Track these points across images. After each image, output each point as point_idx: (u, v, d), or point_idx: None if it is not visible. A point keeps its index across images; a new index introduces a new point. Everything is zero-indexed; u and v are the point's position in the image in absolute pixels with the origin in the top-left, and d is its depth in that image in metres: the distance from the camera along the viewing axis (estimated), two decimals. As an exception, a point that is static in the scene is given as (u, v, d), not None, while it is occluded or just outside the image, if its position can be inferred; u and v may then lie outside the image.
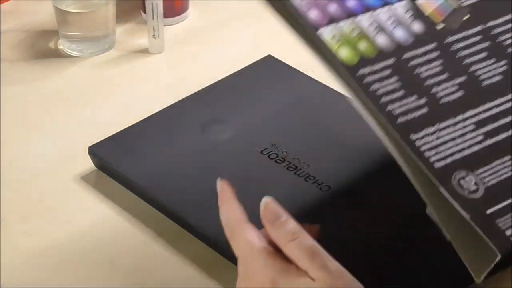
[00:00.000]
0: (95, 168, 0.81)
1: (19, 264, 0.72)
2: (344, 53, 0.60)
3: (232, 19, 1.03)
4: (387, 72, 0.60)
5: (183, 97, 0.89)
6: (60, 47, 0.97)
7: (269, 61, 0.93)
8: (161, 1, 0.93)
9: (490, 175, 0.58)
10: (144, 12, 0.96)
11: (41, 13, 1.02)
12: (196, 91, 0.88)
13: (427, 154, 0.57)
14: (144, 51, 0.97)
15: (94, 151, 0.81)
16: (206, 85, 0.89)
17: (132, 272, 0.71)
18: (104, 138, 0.82)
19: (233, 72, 0.91)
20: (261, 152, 0.79)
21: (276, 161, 0.78)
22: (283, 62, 0.92)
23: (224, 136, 0.82)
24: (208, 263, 0.72)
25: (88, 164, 0.82)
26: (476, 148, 0.59)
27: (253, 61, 0.95)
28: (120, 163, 0.79)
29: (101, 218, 0.76)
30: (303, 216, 0.63)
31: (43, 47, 0.98)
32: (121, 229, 0.75)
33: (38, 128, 0.87)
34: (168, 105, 0.86)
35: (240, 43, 0.99)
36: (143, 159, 0.79)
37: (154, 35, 0.95)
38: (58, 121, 0.88)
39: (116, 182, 0.79)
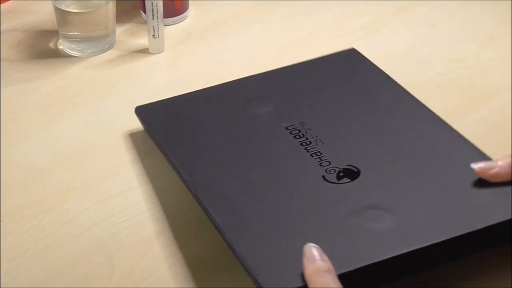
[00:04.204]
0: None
1: (19, 264, 0.72)
2: None
3: (232, 19, 1.03)
4: None
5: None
6: (60, 47, 0.97)
7: (351, 54, 0.90)
8: (161, 1, 0.93)
9: None
10: (144, 12, 0.96)
11: (41, 13, 1.02)
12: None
13: None
14: (144, 51, 0.97)
15: (140, 111, 0.84)
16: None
17: (132, 272, 0.71)
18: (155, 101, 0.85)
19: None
20: (286, 127, 0.79)
21: (294, 136, 0.77)
22: (365, 58, 0.89)
23: (261, 111, 0.81)
24: (208, 263, 0.72)
25: (88, 163, 0.82)
26: None
27: (252, 61, 0.95)
28: (160, 130, 0.81)
29: (100, 219, 0.77)
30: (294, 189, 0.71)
31: (43, 47, 0.98)
32: (121, 229, 0.75)
33: (38, 128, 0.87)
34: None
35: (240, 43, 0.99)
36: (181, 132, 0.81)
37: (154, 35, 0.95)
38: (58, 121, 0.88)
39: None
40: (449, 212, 0.67)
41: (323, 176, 0.72)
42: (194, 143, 0.79)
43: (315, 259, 0.62)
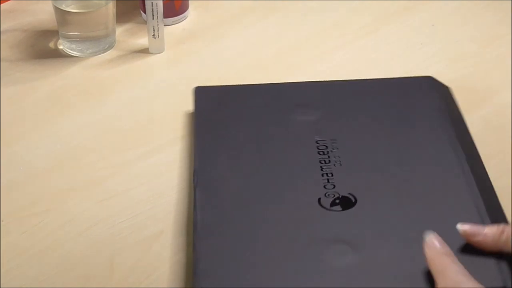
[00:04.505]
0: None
1: (19, 264, 0.72)
2: None
3: (232, 19, 1.03)
4: None
5: (184, 96, 0.89)
6: (60, 47, 0.97)
7: (426, 82, 0.85)
8: (161, 1, 0.93)
9: None
10: (144, 12, 0.96)
11: (41, 13, 1.02)
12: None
13: None
14: (144, 51, 0.97)
15: (197, 92, 0.85)
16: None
17: (132, 272, 0.71)
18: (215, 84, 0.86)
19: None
20: (317, 141, 0.77)
21: (318, 152, 0.76)
22: (440, 88, 0.85)
23: (304, 119, 0.80)
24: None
25: (88, 163, 0.82)
26: None
27: (252, 61, 0.95)
28: (202, 114, 0.82)
29: (100, 219, 0.77)
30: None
31: (43, 47, 0.98)
32: (121, 229, 0.75)
33: (38, 128, 0.87)
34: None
35: (240, 43, 0.99)
36: (220, 121, 0.81)
37: (154, 35, 0.95)
38: (58, 121, 0.88)
39: None
40: (414, 263, 0.65)
41: (319, 199, 0.71)
42: (225, 135, 0.79)
43: (435, 244, 0.64)
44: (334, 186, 0.72)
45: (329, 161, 0.75)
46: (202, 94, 0.85)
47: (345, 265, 0.65)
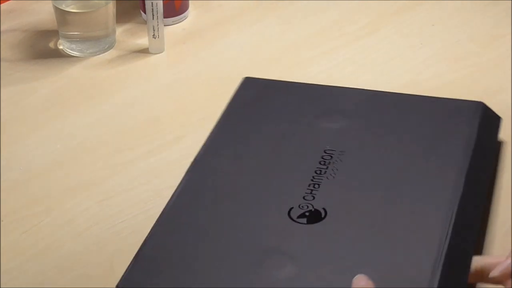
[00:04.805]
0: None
1: (19, 264, 0.72)
2: None
3: (232, 18, 1.03)
4: None
5: (184, 96, 0.89)
6: (60, 47, 0.97)
7: (475, 108, 0.80)
8: (161, 1, 0.93)
9: None
10: (144, 12, 0.96)
11: (41, 13, 1.02)
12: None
13: None
14: (144, 51, 0.97)
15: (243, 82, 0.85)
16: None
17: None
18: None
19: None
20: (325, 150, 0.75)
21: (320, 162, 0.74)
22: (491, 114, 0.81)
23: (327, 125, 0.79)
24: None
25: (88, 163, 0.82)
26: None
27: (252, 61, 0.95)
28: (233, 106, 0.83)
29: (100, 219, 0.76)
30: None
31: (43, 47, 0.98)
32: (121, 229, 0.75)
33: (38, 128, 0.87)
34: (175, 102, 0.87)
35: (240, 43, 0.99)
36: (247, 116, 0.82)
37: (154, 35, 0.95)
38: (58, 121, 0.88)
39: None
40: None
41: (291, 209, 0.70)
42: (242, 128, 0.80)
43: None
44: (313, 198, 0.71)
45: (325, 172, 0.73)
46: (246, 86, 0.85)
47: (277, 277, 0.64)
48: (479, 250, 0.71)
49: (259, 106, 0.83)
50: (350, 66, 0.94)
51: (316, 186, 0.72)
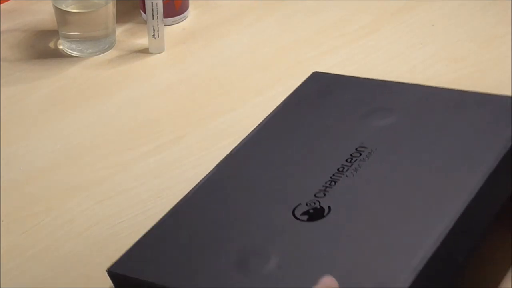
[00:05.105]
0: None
1: (19, 264, 0.72)
2: None
3: (232, 18, 1.03)
4: None
5: (184, 96, 0.89)
6: (60, 47, 0.97)
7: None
8: (161, 1, 0.93)
9: None
10: (144, 12, 0.96)
11: (41, 13, 1.02)
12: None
13: None
14: (144, 51, 0.97)
15: (309, 78, 0.84)
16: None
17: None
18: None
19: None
20: (357, 148, 0.74)
21: (347, 159, 0.73)
22: None
23: (376, 122, 0.77)
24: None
25: (88, 163, 0.82)
26: None
27: (252, 61, 0.95)
28: (291, 101, 0.82)
29: (100, 219, 0.77)
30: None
31: (43, 47, 0.98)
32: (121, 229, 0.75)
33: (38, 128, 0.87)
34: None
35: (240, 43, 0.99)
36: (300, 110, 0.81)
37: (154, 35, 0.95)
38: (58, 121, 0.88)
39: None
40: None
41: (298, 205, 0.69)
42: (290, 122, 0.80)
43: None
44: (324, 195, 0.70)
45: (347, 170, 0.72)
46: (311, 80, 0.85)
47: (260, 275, 0.64)
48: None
49: (315, 100, 0.82)
50: (350, 66, 0.94)
51: (332, 183, 0.71)
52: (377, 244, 0.64)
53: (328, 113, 0.80)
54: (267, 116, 0.81)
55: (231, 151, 0.77)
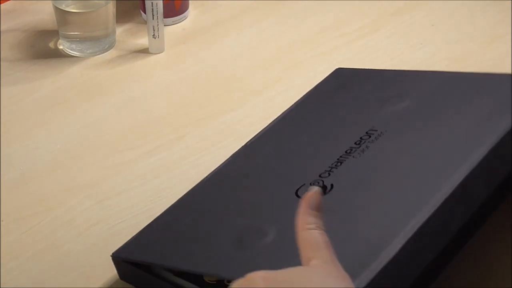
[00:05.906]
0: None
1: (19, 264, 0.72)
2: None
3: (232, 19, 1.03)
4: None
5: (184, 96, 0.89)
6: (60, 47, 0.97)
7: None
8: (161, 1, 0.93)
9: None
10: (144, 12, 0.96)
11: (41, 13, 1.02)
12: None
13: None
14: (144, 51, 0.97)
15: (333, 74, 0.85)
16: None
17: (132, 272, 0.71)
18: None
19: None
20: (367, 131, 0.74)
21: (355, 142, 0.73)
22: None
23: (391, 108, 0.76)
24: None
25: (88, 163, 0.82)
26: None
27: (252, 61, 0.95)
28: (312, 95, 0.83)
29: (100, 219, 0.77)
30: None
31: (43, 47, 0.98)
32: (121, 229, 0.75)
33: (38, 128, 0.87)
34: (167, 104, 0.86)
35: (240, 43, 0.99)
36: (321, 101, 0.82)
37: (154, 35, 0.95)
38: (58, 121, 0.88)
39: None
40: None
41: (302, 185, 0.69)
42: (308, 115, 0.80)
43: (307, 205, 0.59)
44: (329, 175, 0.70)
45: (355, 151, 0.72)
46: (334, 75, 0.85)
47: (256, 249, 0.64)
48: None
49: (334, 93, 0.83)
50: (350, 66, 0.94)
51: (339, 164, 0.71)
52: (374, 215, 0.65)
53: (345, 104, 0.81)
54: (287, 109, 0.82)
55: (247, 143, 0.79)
